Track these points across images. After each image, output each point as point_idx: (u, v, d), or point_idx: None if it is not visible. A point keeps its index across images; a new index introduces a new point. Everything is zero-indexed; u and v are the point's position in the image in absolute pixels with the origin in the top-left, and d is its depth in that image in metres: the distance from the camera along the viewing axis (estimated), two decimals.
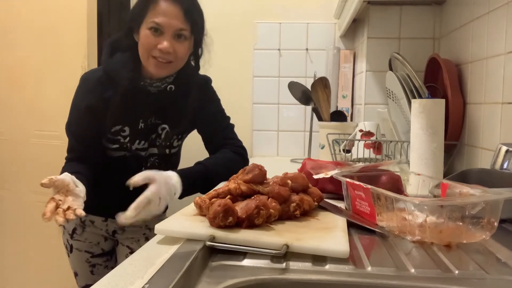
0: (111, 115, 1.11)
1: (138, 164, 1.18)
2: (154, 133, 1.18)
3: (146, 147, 1.17)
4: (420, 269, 0.51)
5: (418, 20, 1.45)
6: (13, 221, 1.99)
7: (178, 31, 1.07)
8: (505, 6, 0.95)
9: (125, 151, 1.15)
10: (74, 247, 1.25)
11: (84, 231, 1.23)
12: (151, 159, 1.19)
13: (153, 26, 1.06)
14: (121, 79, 1.10)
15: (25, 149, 1.90)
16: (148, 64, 1.09)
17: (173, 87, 1.17)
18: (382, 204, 0.64)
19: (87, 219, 1.22)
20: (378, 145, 1.22)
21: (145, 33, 1.07)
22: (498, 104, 0.97)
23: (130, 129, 1.14)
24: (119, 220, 0.89)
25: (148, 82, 1.13)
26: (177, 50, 1.08)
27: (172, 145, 1.22)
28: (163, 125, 1.18)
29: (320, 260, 0.54)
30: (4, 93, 1.96)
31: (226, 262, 0.54)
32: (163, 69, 1.10)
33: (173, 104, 1.18)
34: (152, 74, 1.13)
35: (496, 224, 0.59)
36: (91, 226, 1.23)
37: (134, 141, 1.15)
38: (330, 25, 1.90)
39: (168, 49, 1.06)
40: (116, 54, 1.14)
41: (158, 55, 1.07)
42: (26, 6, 1.87)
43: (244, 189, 0.67)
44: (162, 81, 1.15)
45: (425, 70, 1.31)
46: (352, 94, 1.82)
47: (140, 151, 1.17)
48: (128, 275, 0.48)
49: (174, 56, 1.08)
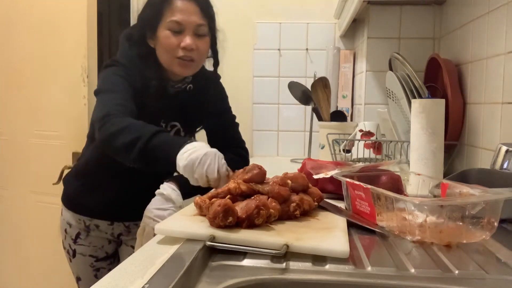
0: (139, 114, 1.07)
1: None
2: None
3: None
4: (420, 269, 0.51)
5: (418, 20, 1.45)
6: (13, 221, 1.99)
7: (198, 27, 1.07)
8: (505, 6, 0.95)
9: None
10: (78, 252, 1.22)
11: (88, 235, 1.21)
12: None
13: (173, 25, 1.05)
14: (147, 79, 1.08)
15: (25, 149, 1.90)
16: (173, 65, 1.08)
17: (191, 86, 1.17)
18: (382, 204, 0.64)
19: (91, 223, 1.20)
20: (378, 145, 1.22)
21: (165, 34, 1.06)
22: (498, 104, 0.97)
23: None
24: None
25: (170, 84, 1.14)
26: (200, 47, 1.08)
27: None
28: (173, 122, 1.17)
29: (320, 260, 0.53)
30: (4, 93, 1.96)
31: (226, 262, 0.54)
32: (187, 68, 1.09)
33: (189, 104, 1.18)
34: (173, 76, 1.12)
35: (496, 224, 0.59)
36: (95, 230, 1.21)
37: None
38: (330, 25, 1.90)
39: (192, 45, 1.05)
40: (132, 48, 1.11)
41: (182, 54, 1.06)
42: (26, 6, 1.87)
43: (244, 188, 0.67)
44: (183, 82, 1.16)
45: (425, 70, 1.31)
46: (352, 94, 1.82)
47: None
48: (128, 275, 0.48)
49: (197, 54, 1.08)
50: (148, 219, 0.94)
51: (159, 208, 0.96)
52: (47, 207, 1.85)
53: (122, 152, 0.91)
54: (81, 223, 1.21)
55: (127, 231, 1.22)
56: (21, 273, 1.99)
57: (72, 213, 1.22)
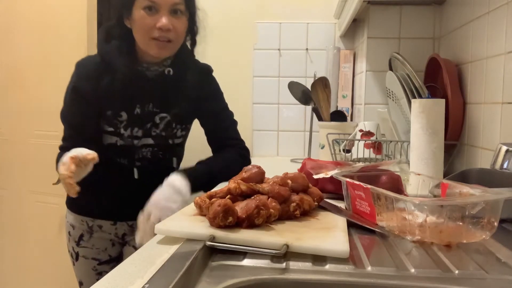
0: (109, 101, 1.09)
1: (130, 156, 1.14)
2: (150, 122, 1.13)
3: (140, 135, 1.13)
4: (420, 269, 0.51)
5: (418, 20, 1.45)
6: (12, 221, 1.99)
7: (174, 6, 1.04)
8: (505, 6, 0.95)
9: (117, 136, 1.12)
10: (81, 254, 1.21)
11: (91, 237, 1.20)
12: (143, 150, 1.15)
13: (148, 4, 1.02)
14: (118, 65, 1.07)
15: (25, 149, 1.90)
16: (149, 47, 1.06)
17: (171, 70, 1.13)
18: (382, 204, 0.64)
19: (94, 224, 1.19)
20: (378, 145, 1.22)
21: (140, 14, 1.03)
22: (498, 104, 0.97)
23: (127, 115, 1.11)
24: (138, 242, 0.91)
25: (145, 66, 1.11)
26: (176, 26, 1.05)
27: (176, 135, 1.18)
28: (162, 114, 1.14)
29: (320, 260, 0.53)
30: (4, 93, 1.96)
31: (226, 262, 0.54)
32: (164, 49, 1.06)
33: (173, 91, 1.14)
34: (150, 58, 1.09)
35: (496, 224, 0.59)
36: (98, 231, 1.19)
37: (127, 127, 1.12)
38: (330, 25, 1.90)
39: (168, 25, 1.02)
40: (112, 41, 1.11)
41: (158, 35, 1.03)
42: (26, 6, 1.87)
43: (244, 188, 0.67)
44: (160, 65, 1.12)
45: (425, 70, 1.31)
46: (352, 94, 1.82)
47: (133, 139, 1.13)
48: (128, 275, 0.48)
49: (174, 34, 1.05)
50: (155, 209, 0.93)
51: (168, 199, 0.95)
52: (47, 207, 1.85)
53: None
54: (84, 224, 1.20)
55: (131, 230, 1.21)
56: (21, 273, 1.99)
57: (75, 215, 1.21)
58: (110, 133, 1.12)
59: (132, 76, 1.09)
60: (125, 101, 1.10)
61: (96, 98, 1.09)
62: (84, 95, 1.09)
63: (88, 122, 1.10)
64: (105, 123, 1.11)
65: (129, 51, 1.09)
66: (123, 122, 1.11)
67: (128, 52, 1.09)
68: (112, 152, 1.13)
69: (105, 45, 1.11)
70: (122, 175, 1.16)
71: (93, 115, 1.10)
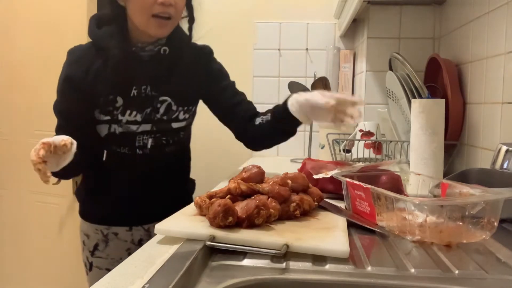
0: (102, 86, 1.04)
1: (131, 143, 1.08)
2: (149, 107, 1.07)
3: (139, 120, 1.07)
4: (420, 269, 0.51)
5: (418, 20, 1.45)
6: (12, 221, 1.99)
7: None
8: (505, 6, 0.95)
9: (115, 123, 1.06)
10: (94, 265, 1.15)
11: (107, 246, 1.14)
12: (144, 137, 1.09)
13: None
14: (111, 48, 1.03)
15: (25, 149, 1.89)
16: (148, 25, 1.01)
17: (167, 49, 1.08)
18: (382, 204, 0.64)
19: (109, 232, 1.13)
20: (378, 145, 1.22)
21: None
22: (498, 104, 0.97)
23: (123, 99, 1.05)
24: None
25: (139, 47, 1.06)
26: (177, 2, 1.01)
27: (178, 118, 1.12)
28: (162, 97, 1.08)
29: (320, 260, 0.54)
30: (4, 93, 1.96)
31: (226, 262, 0.54)
32: (164, 27, 1.02)
33: (170, 71, 1.09)
34: (146, 37, 1.05)
35: (496, 224, 0.59)
36: (114, 239, 1.13)
37: (125, 112, 1.05)
38: (330, 25, 1.90)
39: (170, 0, 0.98)
40: (102, 27, 1.07)
41: (159, 11, 0.99)
42: (26, 6, 1.87)
43: (244, 188, 0.67)
44: (155, 44, 1.07)
45: (425, 70, 1.31)
46: (352, 94, 1.82)
47: (131, 125, 1.06)
48: (128, 275, 0.48)
49: (174, 10, 1.01)
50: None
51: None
52: (47, 207, 1.85)
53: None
54: (98, 233, 1.14)
55: (148, 234, 1.15)
56: (21, 273, 1.99)
57: (89, 224, 1.16)
58: (106, 122, 1.06)
59: (125, 58, 1.04)
60: (120, 85, 1.05)
61: (88, 84, 1.03)
62: (76, 83, 1.04)
63: (81, 110, 1.05)
64: (100, 112, 1.05)
65: (121, 32, 1.04)
66: (119, 108, 1.05)
67: (120, 33, 1.04)
68: (111, 143, 1.09)
69: (96, 30, 1.07)
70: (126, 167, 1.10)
71: (87, 103, 1.05)
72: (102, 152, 1.10)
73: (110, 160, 1.10)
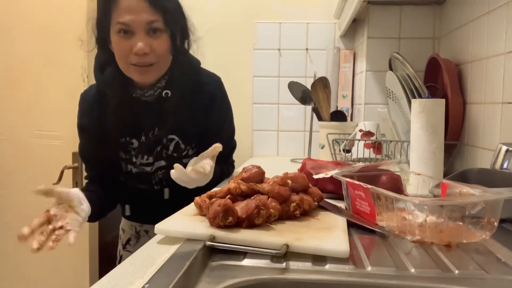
0: (116, 130, 1.06)
1: (147, 181, 1.11)
2: (159, 145, 1.07)
3: (151, 161, 1.08)
4: (420, 269, 0.51)
5: (418, 20, 1.45)
6: (13, 221, 1.99)
7: (150, 24, 0.93)
8: (505, 6, 0.95)
9: (131, 164, 1.09)
10: (123, 258, 1.20)
11: (138, 242, 1.19)
12: (159, 173, 1.09)
13: (121, 28, 0.93)
14: (112, 96, 1.03)
15: (25, 149, 1.90)
16: (129, 73, 0.98)
17: (169, 92, 1.04)
18: (382, 204, 0.64)
19: (142, 229, 1.19)
20: (378, 145, 1.22)
21: (115, 40, 0.95)
22: (498, 104, 0.97)
23: (137, 142, 1.07)
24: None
25: (139, 93, 1.04)
26: (155, 47, 0.95)
27: (188, 155, 1.10)
28: (171, 135, 1.07)
29: (320, 260, 0.54)
30: (4, 93, 1.96)
31: (226, 262, 0.54)
32: (146, 74, 0.97)
33: (174, 113, 1.06)
34: (141, 83, 1.02)
35: (496, 224, 0.59)
36: (145, 236, 1.18)
37: (138, 155, 1.07)
38: (330, 25, 1.90)
39: (144, 49, 0.92)
40: (106, 69, 1.05)
41: (136, 61, 0.94)
42: (26, 6, 1.87)
43: (244, 188, 0.67)
44: (154, 88, 1.03)
45: (425, 70, 1.31)
46: (352, 94, 1.82)
47: (145, 166, 1.08)
48: (128, 275, 0.48)
49: (154, 57, 0.96)
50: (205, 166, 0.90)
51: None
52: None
53: None
54: (132, 229, 1.21)
55: None
56: (21, 273, 1.99)
57: (125, 220, 1.23)
58: (125, 160, 1.09)
59: (129, 104, 1.04)
60: (130, 129, 1.06)
61: (102, 131, 1.05)
62: (90, 131, 1.07)
63: (102, 153, 1.07)
64: (121, 150, 1.08)
65: (122, 78, 1.02)
66: (135, 150, 1.07)
67: (121, 79, 1.02)
68: (131, 179, 1.12)
69: (99, 75, 1.06)
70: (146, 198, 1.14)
71: (105, 146, 1.06)
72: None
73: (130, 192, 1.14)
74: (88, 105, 1.08)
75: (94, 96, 1.07)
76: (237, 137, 1.28)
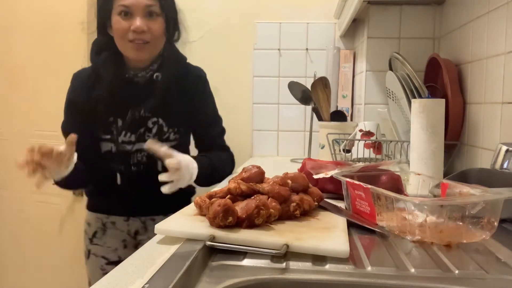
0: (103, 109, 1.13)
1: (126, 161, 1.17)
2: (143, 127, 1.16)
3: (133, 140, 1.15)
4: (420, 269, 0.51)
5: (418, 20, 1.45)
6: (13, 221, 1.99)
7: (148, 8, 1.07)
8: (505, 6, 0.95)
9: (112, 143, 1.15)
10: (92, 252, 1.24)
11: (104, 234, 1.23)
12: (138, 155, 1.17)
13: (122, 9, 1.06)
14: (107, 74, 1.12)
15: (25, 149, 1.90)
16: (126, 50, 1.10)
17: (159, 75, 1.15)
18: (382, 204, 0.64)
19: (108, 221, 1.22)
20: (378, 145, 1.22)
21: (116, 20, 1.08)
22: (498, 104, 0.97)
23: (121, 121, 1.15)
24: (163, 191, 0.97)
25: (132, 74, 1.14)
26: (151, 27, 1.08)
27: (169, 139, 1.19)
28: (154, 118, 1.16)
29: (320, 260, 0.54)
30: (4, 93, 1.96)
31: (226, 262, 0.54)
32: (142, 51, 1.09)
33: (163, 96, 1.16)
34: (137, 63, 1.13)
35: (496, 224, 0.59)
36: (112, 228, 1.22)
37: (121, 133, 1.15)
38: (330, 25, 1.90)
39: (142, 27, 1.06)
40: (102, 52, 1.15)
41: (133, 37, 1.07)
42: (26, 6, 1.87)
43: (244, 188, 0.67)
44: (147, 70, 1.14)
45: (425, 70, 1.31)
46: (352, 94, 1.82)
47: (126, 144, 1.15)
48: (128, 275, 0.48)
49: (149, 36, 1.08)
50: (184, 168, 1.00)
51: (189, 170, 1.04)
52: (47, 207, 1.85)
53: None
54: (98, 222, 1.23)
55: (144, 228, 1.23)
56: (21, 273, 1.99)
57: (91, 212, 1.25)
58: (106, 140, 1.16)
59: (121, 83, 1.13)
60: (118, 108, 1.14)
61: (90, 108, 1.13)
62: (79, 107, 1.14)
63: (84, 132, 1.12)
64: (102, 130, 1.15)
65: (117, 59, 1.13)
66: (118, 129, 1.15)
67: (116, 60, 1.13)
68: (109, 159, 1.17)
69: (96, 56, 1.16)
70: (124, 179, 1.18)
71: (89, 125, 1.14)
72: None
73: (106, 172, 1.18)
74: (81, 82, 1.15)
75: (88, 75, 1.15)
76: (237, 137, 1.29)
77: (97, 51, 1.16)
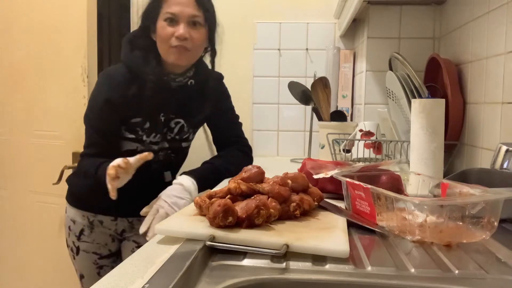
0: (135, 109, 1.15)
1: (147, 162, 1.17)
2: (166, 127, 1.21)
3: (159, 140, 1.20)
4: (420, 269, 0.51)
5: (418, 20, 1.45)
6: (12, 221, 1.99)
7: (192, 17, 1.12)
8: (505, 6, 0.95)
9: (138, 143, 1.18)
10: (81, 248, 1.25)
11: (92, 232, 1.24)
12: (160, 153, 1.22)
13: (168, 16, 1.11)
14: (146, 75, 1.13)
15: (25, 149, 1.90)
16: (168, 54, 1.13)
17: (193, 81, 1.21)
18: (382, 204, 0.64)
19: (95, 220, 1.23)
20: (378, 145, 1.22)
21: (161, 25, 1.12)
22: (498, 104, 0.97)
23: (150, 123, 1.17)
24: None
25: (171, 77, 1.17)
26: (193, 36, 1.12)
27: (188, 139, 1.27)
28: (177, 119, 1.22)
29: (320, 260, 0.53)
30: (4, 93, 1.95)
31: (226, 262, 0.54)
32: (182, 56, 1.13)
33: (191, 99, 1.22)
34: (175, 69, 1.17)
35: (496, 224, 0.59)
36: (99, 226, 1.24)
37: (150, 134, 1.18)
38: (330, 25, 1.90)
39: (185, 34, 1.10)
40: (135, 51, 1.18)
41: (176, 43, 1.11)
42: (26, 5, 1.87)
43: (244, 188, 0.67)
44: (184, 76, 1.19)
45: (425, 70, 1.31)
46: (352, 94, 1.82)
47: (153, 145, 1.20)
48: (128, 275, 0.48)
49: (191, 43, 1.12)
50: (164, 203, 1.00)
51: (177, 195, 1.03)
52: (47, 207, 1.85)
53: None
54: (85, 219, 1.24)
55: (131, 227, 1.25)
56: (21, 273, 1.99)
57: (76, 209, 1.25)
58: (130, 139, 1.18)
59: (159, 86, 1.15)
60: (151, 110, 1.17)
61: (125, 107, 1.14)
62: (116, 106, 1.14)
63: (114, 129, 1.16)
64: (126, 129, 1.17)
65: (157, 61, 1.16)
66: (145, 130, 1.17)
67: (155, 62, 1.16)
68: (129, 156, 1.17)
69: (130, 54, 1.17)
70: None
71: (119, 122, 1.16)
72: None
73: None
74: (118, 81, 1.15)
75: (123, 74, 1.15)
76: None
77: (131, 49, 1.18)
